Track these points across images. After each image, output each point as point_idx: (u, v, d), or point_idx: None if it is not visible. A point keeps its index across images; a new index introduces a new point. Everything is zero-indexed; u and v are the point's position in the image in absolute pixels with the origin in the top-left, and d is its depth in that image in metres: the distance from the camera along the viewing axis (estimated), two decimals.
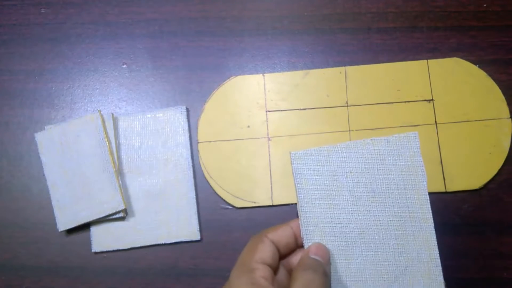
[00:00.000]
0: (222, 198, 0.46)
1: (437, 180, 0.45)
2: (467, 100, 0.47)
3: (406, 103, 0.47)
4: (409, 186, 0.31)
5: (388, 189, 0.31)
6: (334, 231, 0.31)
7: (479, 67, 0.48)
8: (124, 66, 0.50)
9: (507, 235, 0.44)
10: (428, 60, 0.48)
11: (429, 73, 0.48)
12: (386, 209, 0.31)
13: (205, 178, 0.46)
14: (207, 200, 0.46)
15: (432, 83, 0.47)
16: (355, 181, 0.32)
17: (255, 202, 0.45)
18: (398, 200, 0.31)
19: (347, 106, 0.47)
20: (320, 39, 0.50)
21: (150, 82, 0.49)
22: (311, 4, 0.51)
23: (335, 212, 0.32)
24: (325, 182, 0.32)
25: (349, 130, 0.46)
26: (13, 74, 0.50)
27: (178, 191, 0.46)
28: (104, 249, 0.45)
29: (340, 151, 0.32)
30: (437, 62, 0.48)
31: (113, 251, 0.45)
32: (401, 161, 0.32)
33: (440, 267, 0.30)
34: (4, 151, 0.48)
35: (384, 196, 0.31)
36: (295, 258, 0.33)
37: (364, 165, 0.32)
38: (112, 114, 0.47)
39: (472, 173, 0.45)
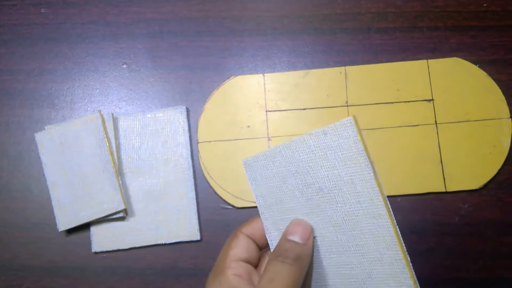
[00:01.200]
0: (222, 198, 0.46)
1: (437, 180, 0.45)
2: (467, 100, 0.47)
3: (406, 103, 0.47)
4: (356, 179, 0.27)
5: (335, 186, 0.28)
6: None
7: (479, 67, 0.48)
8: (124, 66, 0.50)
9: (507, 235, 0.44)
10: (428, 60, 0.48)
11: (429, 73, 0.48)
12: (338, 207, 0.28)
13: (205, 178, 0.46)
14: (207, 200, 0.46)
15: (432, 83, 0.47)
16: (303, 181, 0.29)
17: (255, 202, 0.45)
18: (348, 197, 0.28)
19: (347, 106, 0.47)
20: (320, 39, 0.49)
21: (150, 82, 0.49)
22: (311, 4, 0.51)
23: (291, 216, 0.30)
24: (277, 185, 0.30)
25: None
26: (13, 74, 0.50)
27: (178, 191, 0.46)
28: (104, 249, 0.45)
29: (283, 152, 0.30)
30: (437, 62, 0.48)
31: (113, 251, 0.45)
32: (342, 152, 0.28)
33: (407, 269, 0.26)
34: (4, 151, 0.48)
35: (333, 194, 0.28)
36: None
37: (308, 163, 0.29)
38: (112, 114, 0.47)
39: (472, 173, 0.45)
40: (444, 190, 0.45)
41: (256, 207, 0.45)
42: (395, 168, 0.45)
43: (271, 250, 0.31)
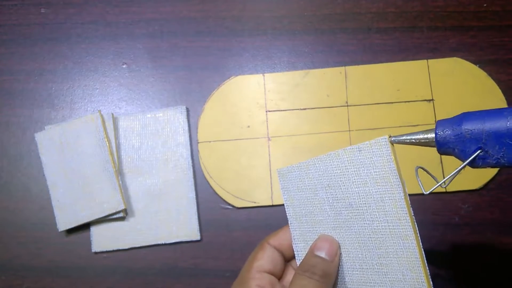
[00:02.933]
0: (222, 198, 0.46)
1: (437, 180, 0.45)
2: (467, 100, 0.47)
3: (406, 103, 0.47)
4: (386, 198, 0.27)
5: (365, 203, 0.28)
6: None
7: (479, 67, 0.48)
8: (124, 66, 0.50)
9: (507, 235, 0.44)
10: (428, 60, 0.48)
11: (429, 73, 0.48)
12: (366, 225, 0.28)
13: (205, 178, 0.46)
14: (207, 200, 0.46)
15: (432, 83, 0.47)
16: (333, 195, 0.29)
17: (255, 202, 0.45)
18: (377, 215, 0.28)
19: (347, 106, 0.47)
20: (320, 39, 0.49)
21: (150, 82, 0.49)
22: (311, 4, 0.51)
23: (319, 229, 0.30)
24: (308, 197, 0.31)
25: (349, 130, 0.46)
26: (13, 74, 0.50)
27: (178, 191, 0.46)
28: (104, 249, 0.45)
29: (317, 165, 0.30)
30: (437, 62, 0.48)
31: (113, 251, 0.45)
32: (375, 170, 0.28)
33: None
34: (4, 151, 0.48)
35: (362, 211, 0.28)
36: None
37: (340, 177, 0.29)
38: (112, 114, 0.47)
39: (472, 173, 0.45)
40: (444, 190, 0.45)
41: (255, 207, 0.46)
42: None
43: (297, 261, 0.31)
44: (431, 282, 0.26)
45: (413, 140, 0.28)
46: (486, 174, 0.45)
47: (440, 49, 0.49)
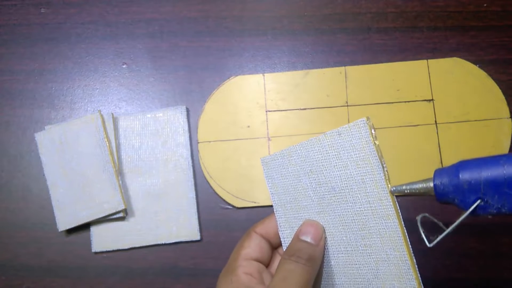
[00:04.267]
0: (222, 198, 0.46)
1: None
2: (467, 100, 0.47)
3: (406, 103, 0.47)
4: (367, 179, 0.28)
5: (347, 186, 0.28)
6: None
7: (479, 67, 0.48)
8: (124, 66, 0.50)
9: (507, 235, 0.44)
10: (428, 60, 0.48)
11: (429, 73, 0.48)
12: (349, 207, 0.28)
13: (205, 178, 0.46)
14: (207, 200, 0.46)
15: (432, 83, 0.47)
16: (316, 180, 0.30)
17: (255, 202, 0.45)
18: (359, 196, 0.28)
19: (347, 106, 0.47)
20: (320, 39, 0.49)
21: (150, 82, 0.49)
22: (311, 4, 0.51)
23: (304, 214, 0.30)
24: (292, 184, 0.31)
25: None
26: (13, 74, 0.50)
27: (178, 191, 0.46)
28: (104, 249, 0.45)
29: (299, 151, 0.30)
30: (437, 62, 0.48)
31: (113, 251, 0.45)
32: (355, 153, 0.28)
33: (412, 270, 0.27)
34: (4, 151, 0.48)
35: (344, 194, 0.29)
36: None
37: (322, 162, 0.29)
38: (112, 114, 0.47)
39: None
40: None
41: (255, 207, 0.46)
42: (395, 168, 0.45)
43: (283, 247, 0.32)
44: (414, 260, 0.27)
45: (413, 190, 0.28)
46: None
47: (440, 49, 0.49)
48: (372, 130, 0.28)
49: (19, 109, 0.49)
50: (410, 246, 0.27)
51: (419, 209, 0.45)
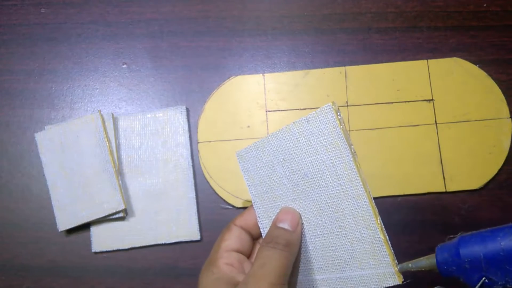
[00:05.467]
0: (222, 198, 0.46)
1: (437, 180, 0.45)
2: (467, 100, 0.47)
3: (406, 103, 0.47)
4: (337, 162, 0.29)
5: (319, 171, 0.30)
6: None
7: (479, 67, 0.48)
8: (124, 66, 0.50)
9: None
10: (428, 60, 0.48)
11: (429, 73, 0.48)
12: (321, 191, 0.30)
13: (205, 178, 0.46)
14: (207, 200, 0.46)
15: (432, 83, 0.47)
16: (289, 168, 0.31)
17: None
18: (330, 180, 0.29)
19: (347, 106, 0.47)
20: (320, 39, 0.49)
21: (150, 82, 0.49)
22: (311, 4, 0.51)
23: (280, 203, 0.31)
24: (267, 174, 0.32)
25: (349, 130, 0.47)
26: (13, 74, 0.50)
27: (178, 191, 0.46)
28: (104, 249, 0.45)
29: (271, 141, 0.31)
30: (437, 62, 0.48)
31: (113, 251, 0.45)
32: (324, 138, 0.29)
33: (385, 246, 0.28)
34: (4, 151, 0.48)
35: (316, 179, 0.30)
36: None
37: (293, 150, 0.30)
38: (112, 114, 0.47)
39: (472, 173, 0.45)
40: (444, 190, 0.45)
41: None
42: (395, 168, 0.45)
43: (263, 237, 0.32)
44: (387, 237, 0.28)
45: (418, 267, 0.28)
46: (486, 174, 0.45)
47: (440, 49, 0.49)
48: (338, 114, 0.29)
49: (19, 109, 0.49)
50: (382, 224, 0.28)
51: (425, 209, 0.45)
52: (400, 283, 0.28)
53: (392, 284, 0.28)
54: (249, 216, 0.33)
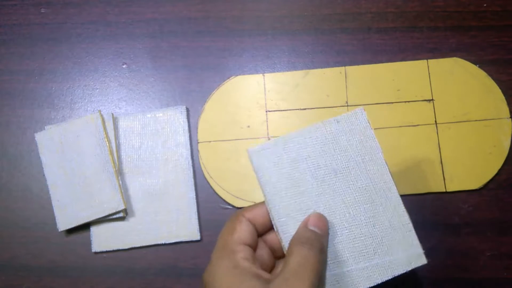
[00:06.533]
0: (222, 198, 0.46)
1: (437, 180, 0.45)
2: (467, 100, 0.47)
3: (406, 103, 0.47)
4: (367, 159, 0.32)
5: (348, 166, 0.32)
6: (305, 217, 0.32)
7: (479, 67, 0.48)
8: (124, 66, 0.50)
9: (507, 235, 0.44)
10: (428, 60, 0.48)
11: (429, 73, 0.48)
12: (350, 185, 0.32)
13: (205, 178, 0.46)
14: (207, 200, 0.46)
15: (432, 83, 0.47)
16: (315, 164, 0.32)
17: (255, 202, 0.45)
18: (360, 175, 0.32)
19: (347, 106, 0.47)
20: (320, 39, 0.49)
21: (150, 82, 0.49)
22: (311, 4, 0.51)
23: (303, 199, 0.32)
24: (287, 171, 0.32)
25: None
26: (13, 74, 0.50)
27: (178, 191, 0.46)
28: (104, 249, 0.45)
29: (295, 139, 0.33)
30: (437, 62, 0.48)
31: (113, 251, 0.45)
32: (354, 137, 0.32)
33: (413, 231, 0.31)
34: (4, 151, 0.48)
35: (345, 174, 0.32)
36: (272, 235, 0.33)
37: (321, 147, 0.32)
38: (112, 114, 0.47)
39: (472, 173, 0.45)
40: (444, 190, 0.45)
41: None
42: (395, 168, 0.45)
43: (281, 234, 0.32)
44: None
45: None
46: (486, 174, 0.45)
47: (440, 49, 0.49)
48: (368, 118, 0.33)
49: (19, 109, 0.49)
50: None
51: (425, 209, 0.45)
52: (426, 262, 0.31)
53: (420, 264, 0.31)
54: (259, 211, 0.33)
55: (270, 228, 0.33)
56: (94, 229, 0.46)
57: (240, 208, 0.46)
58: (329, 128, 0.33)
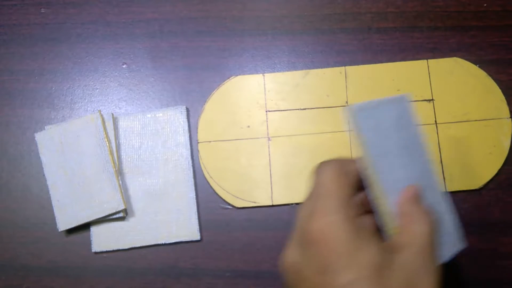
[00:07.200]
0: (222, 198, 0.46)
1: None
2: (467, 100, 0.47)
3: None
4: (420, 138, 0.34)
5: (418, 141, 0.33)
6: (401, 183, 0.32)
7: (479, 67, 0.48)
8: (124, 66, 0.50)
9: (507, 235, 0.44)
10: (428, 60, 0.48)
11: (429, 73, 0.48)
12: (423, 159, 0.33)
13: (205, 178, 0.46)
14: (207, 200, 0.46)
15: (432, 83, 0.47)
16: (405, 134, 0.33)
17: (255, 202, 0.45)
18: (422, 153, 0.34)
19: (347, 106, 0.47)
20: (320, 39, 0.49)
21: (150, 82, 0.49)
22: (311, 4, 0.51)
23: (399, 170, 0.32)
24: (382, 137, 0.32)
25: (349, 130, 0.47)
26: (13, 74, 0.50)
27: (178, 191, 0.46)
28: (104, 249, 0.45)
29: (386, 106, 0.32)
30: (437, 62, 0.48)
31: (113, 251, 0.45)
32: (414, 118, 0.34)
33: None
34: (4, 151, 0.48)
35: (418, 146, 0.33)
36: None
37: (404, 118, 0.33)
38: (112, 114, 0.47)
39: (472, 173, 0.45)
40: (444, 190, 0.45)
41: (255, 207, 0.46)
42: None
43: (384, 200, 0.30)
44: None
45: None
46: (486, 174, 0.45)
47: (440, 49, 0.49)
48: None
49: (19, 109, 0.49)
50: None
51: None
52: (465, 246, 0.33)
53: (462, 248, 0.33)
54: (353, 167, 0.30)
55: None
56: (94, 229, 0.46)
57: (240, 208, 0.46)
58: (405, 104, 0.33)
